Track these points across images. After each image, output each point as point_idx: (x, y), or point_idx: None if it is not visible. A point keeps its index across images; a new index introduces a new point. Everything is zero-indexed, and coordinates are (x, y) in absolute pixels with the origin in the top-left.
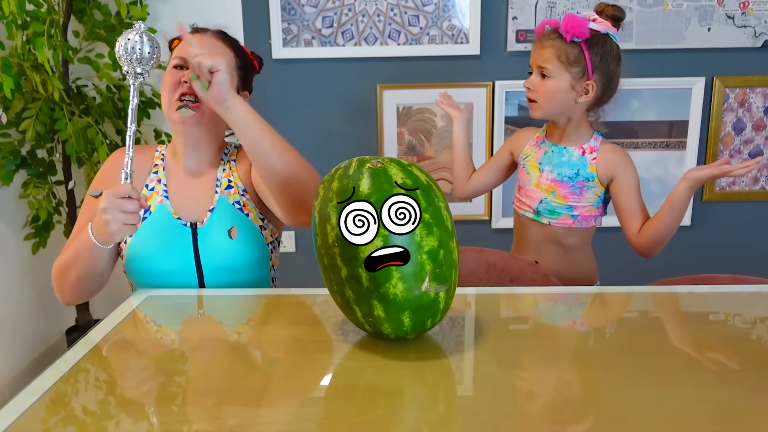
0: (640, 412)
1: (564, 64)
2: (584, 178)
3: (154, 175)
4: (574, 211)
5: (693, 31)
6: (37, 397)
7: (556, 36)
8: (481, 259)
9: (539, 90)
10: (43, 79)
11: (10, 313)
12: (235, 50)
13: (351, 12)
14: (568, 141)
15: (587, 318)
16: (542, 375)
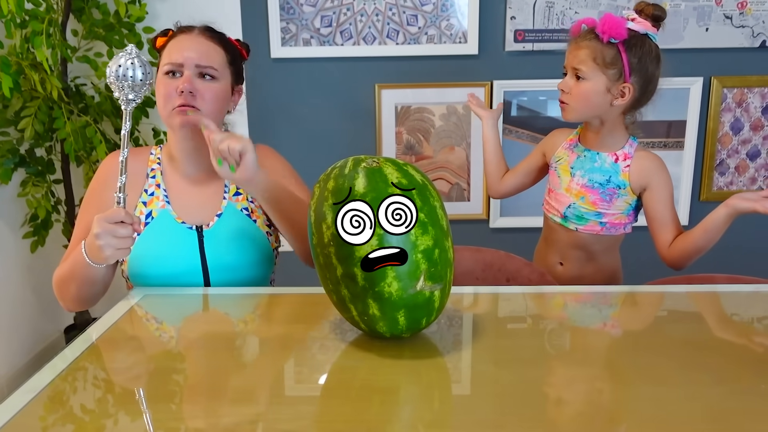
0: (635, 411)
1: (600, 66)
2: (615, 185)
3: (152, 180)
4: (603, 218)
5: (691, 31)
6: (34, 394)
7: (592, 36)
8: (477, 259)
9: (573, 92)
10: (41, 77)
11: (9, 312)
12: (224, 45)
13: (350, 11)
14: (602, 146)
15: (582, 317)
16: (537, 374)
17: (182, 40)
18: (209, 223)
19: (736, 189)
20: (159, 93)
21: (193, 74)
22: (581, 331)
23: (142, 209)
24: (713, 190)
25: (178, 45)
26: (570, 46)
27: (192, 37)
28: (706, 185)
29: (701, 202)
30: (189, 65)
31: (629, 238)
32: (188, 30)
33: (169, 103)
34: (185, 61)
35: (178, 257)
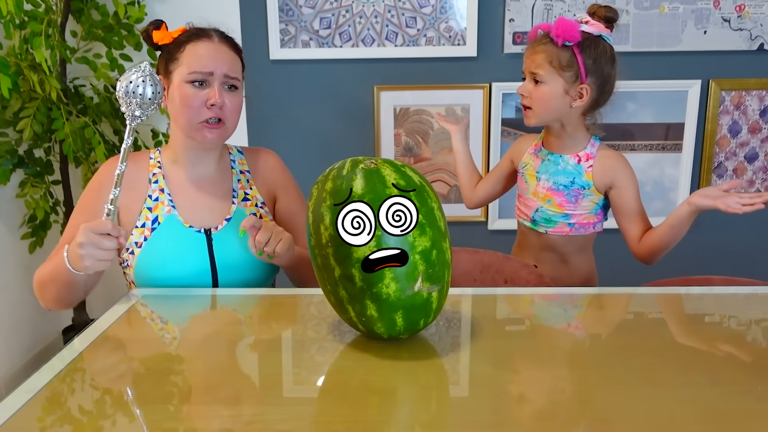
0: (632, 413)
1: (556, 69)
2: (580, 186)
3: (155, 185)
4: (571, 219)
5: (689, 34)
6: (32, 395)
7: (547, 41)
8: (475, 260)
9: (533, 96)
10: (40, 78)
11: (7, 312)
12: (239, 54)
13: (349, 13)
14: (564, 148)
15: (581, 319)
16: (535, 375)
17: (206, 47)
18: (218, 226)
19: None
20: (181, 102)
21: (220, 85)
22: (578, 333)
23: (147, 215)
24: None
25: (203, 52)
26: (527, 51)
27: (216, 45)
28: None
29: None
30: (218, 76)
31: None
32: (207, 36)
33: (195, 114)
34: (216, 71)
35: (187, 261)
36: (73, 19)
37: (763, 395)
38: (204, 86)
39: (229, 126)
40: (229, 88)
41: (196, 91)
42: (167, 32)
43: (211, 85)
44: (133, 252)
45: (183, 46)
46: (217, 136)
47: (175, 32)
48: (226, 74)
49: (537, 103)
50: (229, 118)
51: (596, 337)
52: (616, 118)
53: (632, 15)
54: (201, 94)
